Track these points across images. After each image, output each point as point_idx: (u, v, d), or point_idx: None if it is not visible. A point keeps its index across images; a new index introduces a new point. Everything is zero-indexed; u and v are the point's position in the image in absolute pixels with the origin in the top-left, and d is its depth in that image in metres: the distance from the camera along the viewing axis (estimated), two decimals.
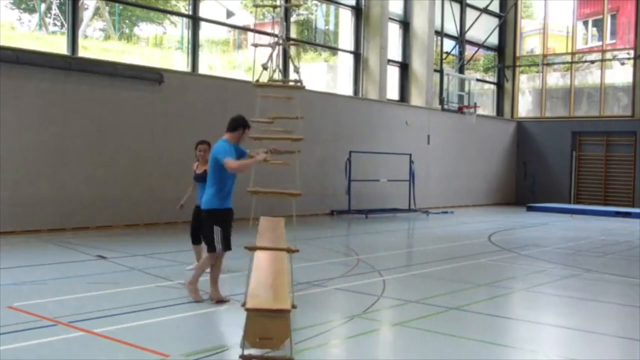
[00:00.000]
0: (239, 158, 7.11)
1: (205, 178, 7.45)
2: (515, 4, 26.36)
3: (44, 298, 6.97)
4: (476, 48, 25.19)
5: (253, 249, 5.27)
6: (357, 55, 20.60)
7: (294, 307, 4.89)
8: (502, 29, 26.53)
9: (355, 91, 20.55)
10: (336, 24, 21.18)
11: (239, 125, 7.13)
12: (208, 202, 6.99)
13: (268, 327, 4.73)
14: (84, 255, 9.89)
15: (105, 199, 13.58)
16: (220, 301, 6.92)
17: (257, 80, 6.65)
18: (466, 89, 23.10)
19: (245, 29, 18.83)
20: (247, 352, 4.80)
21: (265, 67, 7.68)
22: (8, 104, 12.33)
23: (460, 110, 22.59)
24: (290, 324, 4.82)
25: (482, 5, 24.71)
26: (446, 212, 20.58)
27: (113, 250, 10.30)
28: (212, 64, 17.65)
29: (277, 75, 8.72)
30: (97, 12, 15.89)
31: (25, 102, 12.60)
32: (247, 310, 4.73)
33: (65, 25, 14.21)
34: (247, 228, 6.64)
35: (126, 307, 6.57)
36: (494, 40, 26.37)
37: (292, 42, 18.48)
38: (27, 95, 12.61)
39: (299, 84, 7.27)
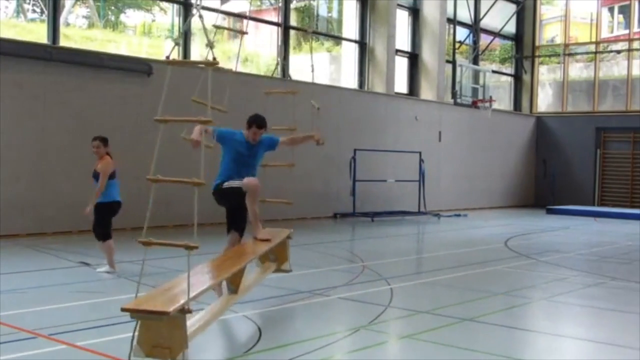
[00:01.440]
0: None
1: (97, 177, 9.01)
2: None
3: (23, 308, 6.98)
4: (492, 37, 25.18)
5: (147, 243, 5.49)
6: (362, 45, 20.60)
7: (185, 311, 4.87)
8: (520, 16, 26.53)
9: (361, 84, 20.56)
10: (340, 11, 21.20)
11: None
12: None
13: (163, 334, 4.75)
14: (66, 262, 9.90)
15: (88, 201, 13.57)
16: None
17: (167, 57, 7.08)
18: (481, 81, 23.11)
19: (241, 16, 18.83)
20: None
21: (177, 43, 8.31)
22: None
23: (474, 104, 22.60)
24: (186, 332, 4.87)
25: None
26: (459, 215, 20.58)
27: (97, 257, 10.30)
28: (204, 54, 17.64)
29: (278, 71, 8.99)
30: None
31: (2, 95, 12.62)
32: (122, 309, 4.82)
33: (46, 12, 14.23)
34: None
35: (112, 318, 6.57)
36: (511, 28, 26.36)
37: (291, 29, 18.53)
38: (3, 88, 12.62)
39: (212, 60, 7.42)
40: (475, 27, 24.00)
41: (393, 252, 12.67)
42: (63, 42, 14.02)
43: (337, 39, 21.00)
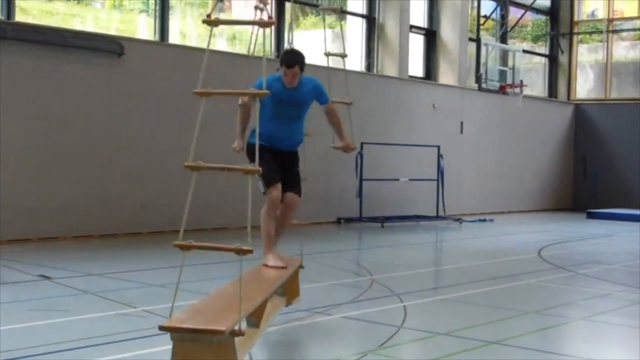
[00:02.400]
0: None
1: None
2: None
3: None
4: (523, 11, 25.17)
5: (186, 247, 5.20)
6: (370, 20, 20.62)
7: (237, 333, 4.69)
8: None
9: (369, 66, 20.58)
10: None
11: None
12: None
13: (203, 357, 4.59)
14: (23, 275, 9.90)
15: (50, 204, 13.61)
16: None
17: (209, 16, 6.67)
18: (510, 63, 23.11)
19: None
20: None
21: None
22: None
23: (502, 90, 22.60)
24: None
25: None
26: (484, 220, 20.61)
27: (60, 269, 10.32)
28: (185, 31, 17.68)
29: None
30: None
31: None
32: (161, 328, 4.68)
33: None
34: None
35: (78, 341, 6.59)
36: (545, 1, 26.38)
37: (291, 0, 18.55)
38: None
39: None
40: (503, 0, 24.00)
41: (407, 263, 12.68)
42: (19, 17, 14.03)
43: (341, 14, 21.00)
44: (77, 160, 13.97)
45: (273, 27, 18.19)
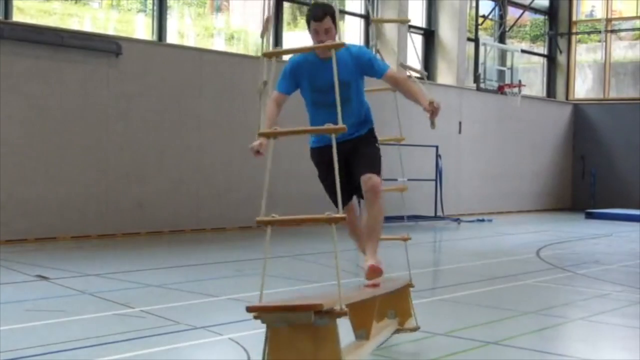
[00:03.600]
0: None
1: None
2: None
3: None
4: (521, 11, 25.20)
5: (269, 222, 4.61)
6: (368, 20, 20.62)
7: (338, 313, 4.13)
8: None
9: None
10: None
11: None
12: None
13: (306, 349, 4.02)
14: (20, 275, 9.90)
15: (47, 204, 13.61)
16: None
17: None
18: (508, 63, 23.14)
19: None
20: None
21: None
22: None
23: (500, 90, 22.63)
24: (340, 346, 4.24)
25: None
26: (483, 220, 20.62)
27: (57, 269, 10.32)
28: (183, 31, 17.67)
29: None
30: None
31: None
32: (249, 310, 4.13)
33: None
34: None
35: (76, 341, 6.59)
36: (543, 0, 26.39)
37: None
38: None
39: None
40: (502, 0, 24.01)
41: (405, 264, 12.66)
42: (16, 17, 14.04)
43: (340, 13, 21.00)
44: (75, 160, 13.96)
45: (272, 28, 18.20)
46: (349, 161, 6.46)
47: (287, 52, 5.78)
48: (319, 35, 5.86)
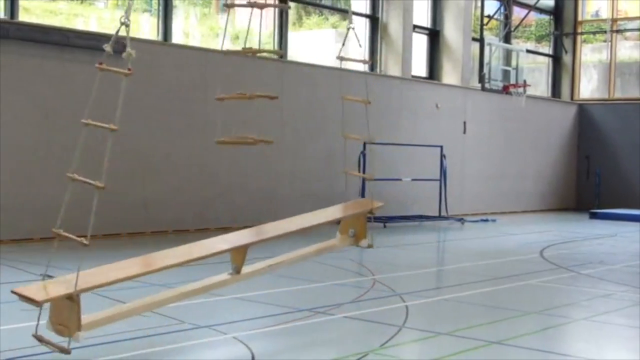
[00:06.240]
0: None
1: None
2: None
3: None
4: (526, 10, 25.18)
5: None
6: (374, 19, 20.63)
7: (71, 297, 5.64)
8: None
9: (372, 66, 20.58)
10: None
11: None
12: None
13: (64, 314, 5.70)
14: (25, 275, 9.93)
15: (52, 204, 13.62)
16: None
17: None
18: (513, 63, 23.11)
19: None
20: (40, 332, 5.77)
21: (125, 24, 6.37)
22: None
23: (505, 90, 22.60)
24: (79, 315, 5.66)
25: None
26: (487, 220, 20.62)
27: (63, 268, 10.32)
28: (188, 31, 17.69)
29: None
30: None
31: None
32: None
33: None
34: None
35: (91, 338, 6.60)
36: (549, 0, 26.36)
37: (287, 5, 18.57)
38: None
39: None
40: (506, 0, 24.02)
41: (409, 263, 12.69)
42: (22, 17, 14.07)
43: (344, 13, 21.00)
44: (80, 159, 13.94)
45: (276, 27, 18.24)
46: None
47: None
48: None
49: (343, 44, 8.82)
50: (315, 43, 20.27)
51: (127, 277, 6.70)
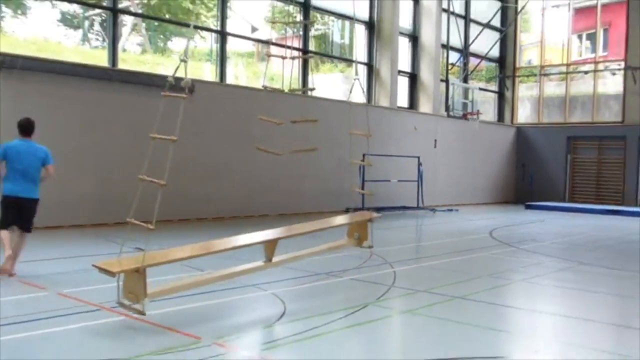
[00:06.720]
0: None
1: None
2: (515, 19, 26.27)
3: (90, 286, 7.07)
4: (479, 59, 25.09)
5: None
6: (370, 66, 20.61)
7: (137, 270, 5.49)
8: (503, 42, 26.43)
9: (369, 99, 20.56)
10: (351, 38, 21.21)
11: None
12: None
13: (133, 284, 5.50)
14: (124, 248, 9.96)
15: (141, 196, 13.67)
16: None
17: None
18: (470, 97, 23.05)
19: (267, 42, 18.89)
20: (121, 300, 5.57)
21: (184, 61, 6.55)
22: (57, 111, 12.51)
23: (464, 116, 22.55)
24: (145, 285, 5.46)
25: (484, 20, 24.70)
26: (451, 210, 20.53)
27: (151, 243, 10.35)
28: (238, 74, 17.74)
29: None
30: (134, 28, 16.04)
31: (71, 109, 12.77)
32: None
33: (106, 40, 14.36)
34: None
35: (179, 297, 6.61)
36: (495, 52, 26.27)
37: (310, 54, 18.57)
38: (71, 104, 12.78)
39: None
40: (465, 52, 23.94)
41: (396, 240, 12.69)
42: (121, 65, 14.15)
43: (348, 62, 21.02)
44: (161, 166, 13.99)
45: (300, 71, 18.22)
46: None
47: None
48: None
49: (350, 92, 8.76)
50: (328, 83, 20.26)
51: (182, 258, 6.59)
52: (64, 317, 5.76)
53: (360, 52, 20.77)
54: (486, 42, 24.94)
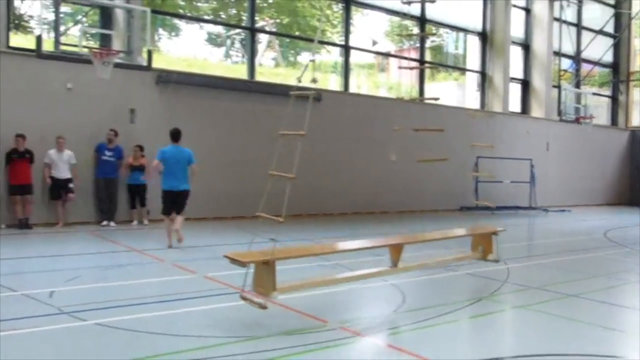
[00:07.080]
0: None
1: None
2: (629, 25, 24.53)
3: (232, 270, 7.34)
4: (592, 66, 23.66)
5: None
6: (483, 74, 20.04)
7: (266, 262, 5.21)
8: (616, 47, 24.76)
9: (482, 105, 19.98)
10: (464, 48, 20.71)
11: None
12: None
13: (262, 278, 5.24)
14: (259, 238, 10.31)
15: (277, 193, 14.06)
16: None
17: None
18: (582, 102, 21.78)
19: (387, 54, 18.86)
20: (244, 294, 5.20)
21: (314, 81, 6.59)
22: (204, 118, 13.17)
23: (577, 120, 21.34)
24: (275, 278, 5.18)
25: (597, 26, 23.26)
26: (564, 211, 19.54)
27: (282, 234, 10.64)
28: (360, 84, 17.84)
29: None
30: (269, 45, 16.56)
31: (216, 116, 13.40)
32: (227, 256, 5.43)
33: (245, 56, 14.93)
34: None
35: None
36: (608, 57, 24.68)
37: (427, 64, 18.34)
38: (217, 111, 13.40)
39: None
40: (577, 58, 22.67)
41: (509, 238, 12.21)
42: (258, 78, 14.65)
43: (462, 70, 20.53)
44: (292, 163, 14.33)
45: (417, 81, 18.03)
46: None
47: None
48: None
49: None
50: (444, 91, 19.90)
51: (308, 254, 6.59)
52: (208, 298, 6.05)
53: (473, 61, 20.22)
54: (599, 48, 23.47)
